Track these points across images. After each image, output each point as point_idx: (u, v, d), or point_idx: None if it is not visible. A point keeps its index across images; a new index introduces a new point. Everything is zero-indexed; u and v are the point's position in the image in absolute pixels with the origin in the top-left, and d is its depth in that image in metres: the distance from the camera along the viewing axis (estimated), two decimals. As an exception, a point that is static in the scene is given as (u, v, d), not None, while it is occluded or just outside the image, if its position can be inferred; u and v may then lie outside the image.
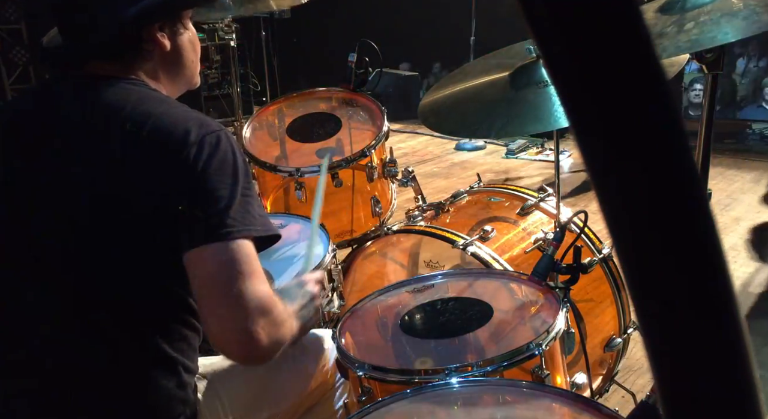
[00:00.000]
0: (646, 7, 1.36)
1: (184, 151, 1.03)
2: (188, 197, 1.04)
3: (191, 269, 1.03)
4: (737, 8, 1.14)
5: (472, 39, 5.85)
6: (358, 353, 1.35)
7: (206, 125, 1.08)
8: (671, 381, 0.27)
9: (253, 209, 1.07)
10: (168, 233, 1.04)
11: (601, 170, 0.26)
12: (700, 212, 0.25)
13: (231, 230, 1.02)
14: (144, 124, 1.05)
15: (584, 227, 1.69)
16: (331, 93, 2.40)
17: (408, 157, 5.37)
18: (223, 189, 1.04)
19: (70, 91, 1.14)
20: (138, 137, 1.04)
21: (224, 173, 1.05)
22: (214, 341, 1.06)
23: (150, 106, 1.08)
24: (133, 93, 1.10)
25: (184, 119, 1.08)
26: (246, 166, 1.10)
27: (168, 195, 1.04)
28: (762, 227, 3.59)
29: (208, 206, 1.03)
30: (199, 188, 1.04)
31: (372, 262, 2.11)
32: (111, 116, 1.07)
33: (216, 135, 1.07)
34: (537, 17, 0.25)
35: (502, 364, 1.21)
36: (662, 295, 0.26)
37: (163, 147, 1.04)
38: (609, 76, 0.24)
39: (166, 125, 1.05)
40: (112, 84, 1.11)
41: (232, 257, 1.02)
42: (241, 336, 1.02)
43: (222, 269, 1.02)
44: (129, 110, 1.07)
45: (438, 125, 1.65)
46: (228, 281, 1.02)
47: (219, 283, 1.02)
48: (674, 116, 0.25)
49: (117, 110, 1.07)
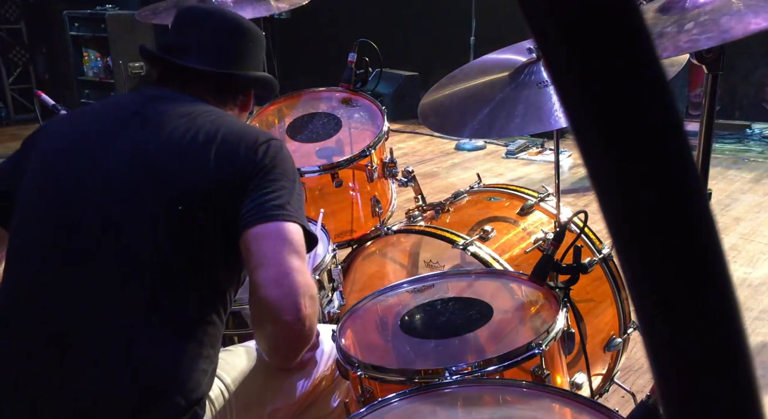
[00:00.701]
0: (646, 7, 1.36)
1: (256, 148, 1.24)
2: (257, 183, 1.21)
3: (253, 243, 1.16)
4: (737, 8, 1.14)
5: (472, 39, 5.85)
6: (358, 353, 1.35)
7: (269, 134, 1.31)
8: (671, 381, 0.27)
9: (303, 209, 1.26)
10: (235, 216, 1.19)
11: (601, 170, 0.26)
12: (701, 212, 0.25)
13: (292, 214, 1.19)
14: (218, 129, 1.25)
15: (584, 227, 1.69)
16: (331, 93, 2.40)
17: (408, 157, 5.37)
18: (286, 183, 1.24)
19: (171, 101, 1.33)
20: (214, 139, 1.23)
21: (287, 171, 1.26)
22: (266, 307, 1.15)
23: (223, 118, 1.30)
24: (218, 111, 1.34)
25: (250, 128, 1.35)
26: (298, 174, 1.32)
27: (238, 183, 1.21)
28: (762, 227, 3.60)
29: (274, 191, 1.20)
30: (267, 177, 1.22)
31: (372, 262, 2.11)
32: (204, 124, 1.26)
33: (279, 142, 1.30)
34: (537, 17, 0.25)
35: (502, 364, 1.21)
36: (662, 295, 0.26)
37: (237, 146, 1.24)
38: (609, 76, 0.24)
39: (237, 130, 1.28)
40: (199, 101, 1.34)
41: (293, 237, 1.18)
42: (294, 306, 1.14)
43: (283, 245, 1.16)
44: (204, 117, 1.27)
45: (438, 125, 1.65)
46: (288, 257, 1.16)
47: (280, 257, 1.15)
48: (674, 116, 0.25)
49: (195, 117, 1.27)
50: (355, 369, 1.26)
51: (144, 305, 1.15)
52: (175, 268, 1.18)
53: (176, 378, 1.13)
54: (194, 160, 1.22)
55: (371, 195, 2.14)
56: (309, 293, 1.16)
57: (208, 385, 1.20)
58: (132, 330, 1.14)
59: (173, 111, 1.28)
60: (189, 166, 1.22)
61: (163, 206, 1.19)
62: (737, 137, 5.30)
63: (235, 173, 1.22)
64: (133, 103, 1.34)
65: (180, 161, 1.22)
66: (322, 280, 1.68)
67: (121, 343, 1.14)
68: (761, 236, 3.51)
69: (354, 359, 1.28)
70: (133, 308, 1.15)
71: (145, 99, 1.33)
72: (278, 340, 1.23)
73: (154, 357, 1.14)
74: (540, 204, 1.97)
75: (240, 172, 1.22)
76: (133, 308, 1.15)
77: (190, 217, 1.18)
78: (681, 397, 0.27)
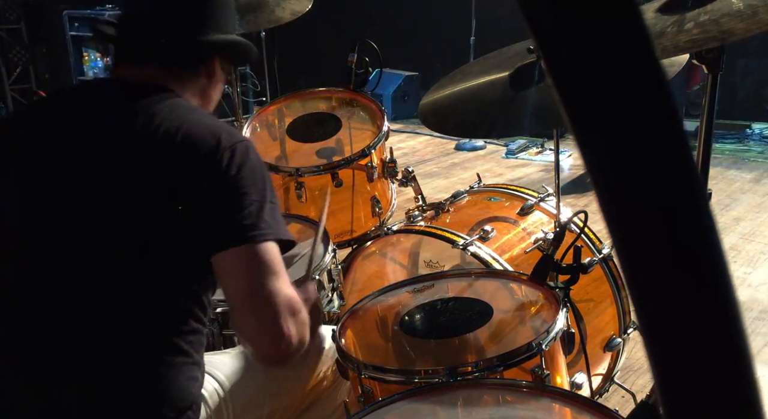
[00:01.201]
0: (646, 7, 1.36)
1: (217, 155, 1.10)
2: (221, 198, 1.10)
3: (224, 268, 1.09)
4: (737, 8, 1.14)
5: (472, 39, 5.85)
6: (358, 353, 1.35)
7: (235, 134, 1.17)
8: (671, 382, 0.27)
9: (278, 215, 1.14)
10: (195, 233, 1.09)
11: (601, 169, 0.26)
12: (700, 212, 0.25)
13: (264, 232, 1.08)
14: (178, 129, 1.11)
15: (584, 227, 1.69)
16: (331, 93, 2.40)
17: (408, 157, 5.36)
18: (255, 194, 1.10)
19: (111, 95, 1.21)
20: (172, 141, 1.10)
21: (255, 179, 1.12)
22: (247, 339, 1.12)
23: (183, 113, 1.16)
24: (168, 100, 1.18)
25: (215, 127, 1.15)
26: (269, 176, 1.17)
27: (200, 196, 1.10)
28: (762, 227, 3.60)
29: (241, 208, 1.09)
30: (232, 190, 1.10)
31: (372, 262, 2.11)
32: (147, 121, 1.13)
33: (245, 144, 1.15)
34: (537, 17, 0.25)
35: (502, 364, 1.21)
36: (662, 295, 0.26)
37: (197, 151, 1.11)
38: (608, 76, 0.24)
39: (197, 131, 1.13)
40: (151, 92, 1.18)
41: (266, 258, 1.08)
42: (274, 334, 1.07)
43: (256, 269, 1.08)
44: (164, 116, 1.13)
45: (438, 125, 1.65)
46: (262, 282, 1.07)
47: (253, 283, 1.08)
48: (674, 116, 0.25)
49: (153, 116, 1.13)
50: (355, 369, 1.26)
51: (121, 321, 1.12)
52: (147, 283, 1.12)
53: (162, 392, 1.11)
54: (145, 173, 1.10)
55: (371, 195, 2.14)
56: (289, 313, 1.09)
57: (199, 388, 1.19)
58: (111, 347, 1.11)
59: (124, 124, 1.15)
60: (141, 180, 1.11)
61: (127, 226, 1.11)
62: (737, 137, 5.29)
63: (195, 183, 1.10)
64: (79, 120, 1.19)
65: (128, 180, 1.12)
66: (322, 280, 1.68)
67: (101, 360, 1.11)
68: (761, 236, 3.50)
69: (354, 359, 1.28)
70: (110, 325, 1.12)
71: (93, 113, 1.19)
72: (274, 362, 1.19)
73: (137, 374, 1.12)
74: (540, 204, 1.97)
75: (201, 182, 1.10)
76: (110, 324, 1.12)
77: (155, 233, 1.11)
78: (681, 397, 0.27)
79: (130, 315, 1.12)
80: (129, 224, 1.11)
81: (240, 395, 1.31)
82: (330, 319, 1.70)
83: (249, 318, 1.09)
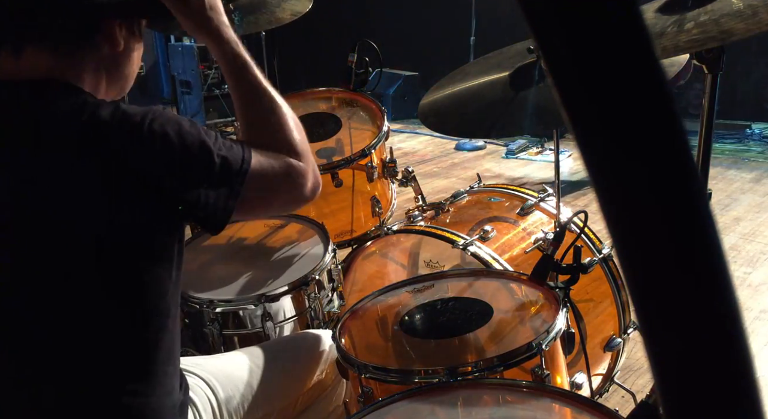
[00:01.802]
0: (646, 7, 1.36)
1: (139, 134, 0.96)
2: (173, 180, 0.99)
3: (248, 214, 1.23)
4: (737, 8, 1.14)
5: (472, 39, 5.85)
6: (358, 353, 1.35)
7: (141, 108, 1.00)
8: (671, 382, 0.27)
9: (226, 145, 1.05)
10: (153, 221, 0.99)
11: (600, 169, 0.26)
12: (700, 212, 0.25)
13: (237, 189, 1.04)
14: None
15: (584, 227, 1.69)
16: (331, 93, 2.40)
17: (408, 157, 5.37)
18: (203, 155, 1.00)
19: (4, 98, 0.99)
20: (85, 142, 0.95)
21: (191, 142, 0.99)
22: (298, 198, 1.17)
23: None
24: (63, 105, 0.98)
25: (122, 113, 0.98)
26: (195, 123, 1.05)
27: (145, 182, 0.97)
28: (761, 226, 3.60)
29: (202, 194, 1.00)
30: (183, 169, 0.99)
31: (372, 262, 2.11)
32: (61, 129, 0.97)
33: (157, 109, 1.00)
34: (537, 16, 0.25)
35: (502, 364, 1.21)
36: (662, 295, 0.26)
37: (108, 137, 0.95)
38: (608, 76, 0.24)
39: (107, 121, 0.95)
40: (41, 95, 0.98)
41: (260, 165, 1.09)
42: (306, 183, 1.16)
43: (266, 187, 1.12)
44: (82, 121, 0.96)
45: (438, 125, 1.65)
46: (272, 192, 1.15)
47: (268, 195, 1.15)
48: (674, 116, 0.25)
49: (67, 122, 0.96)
50: (355, 369, 1.26)
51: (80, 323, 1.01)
52: (104, 279, 0.99)
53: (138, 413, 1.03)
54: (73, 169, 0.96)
55: (371, 195, 2.14)
56: (301, 155, 1.16)
57: (183, 393, 1.13)
58: (75, 349, 1.01)
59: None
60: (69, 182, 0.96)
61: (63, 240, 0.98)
62: (737, 137, 5.29)
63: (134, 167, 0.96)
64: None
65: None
66: (321, 280, 1.68)
67: (73, 361, 1.01)
68: (761, 236, 3.51)
69: (354, 359, 1.28)
70: (71, 326, 1.01)
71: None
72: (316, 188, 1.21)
73: (107, 380, 1.03)
74: (540, 204, 1.97)
75: (140, 165, 0.96)
76: (71, 326, 1.01)
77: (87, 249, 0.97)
78: (681, 397, 0.27)
79: (87, 316, 1.01)
80: (73, 216, 0.97)
81: (233, 398, 1.30)
82: (330, 319, 1.70)
83: (283, 197, 1.17)
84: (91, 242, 0.98)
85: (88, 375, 1.02)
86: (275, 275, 1.69)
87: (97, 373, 1.02)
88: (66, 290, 0.99)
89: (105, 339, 1.02)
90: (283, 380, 1.39)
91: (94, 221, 0.97)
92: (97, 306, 1.01)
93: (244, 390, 1.32)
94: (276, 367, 1.39)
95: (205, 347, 1.62)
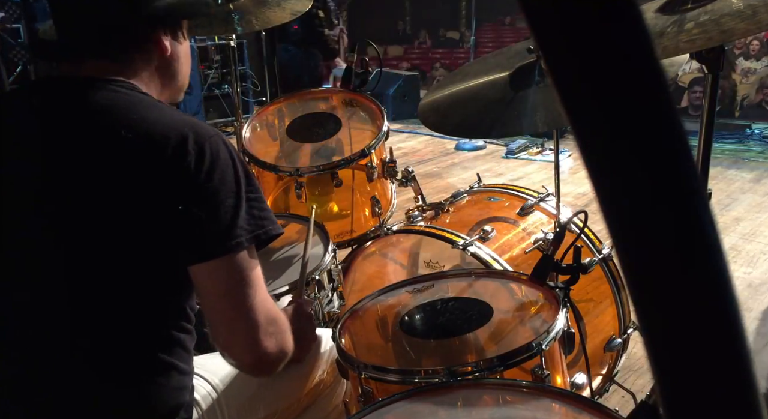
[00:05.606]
0: (646, 7, 1.36)
1: (186, 159, 1.00)
2: (193, 207, 1.01)
3: (201, 281, 1.05)
4: (737, 8, 1.14)
5: (472, 39, 5.85)
6: (358, 353, 1.35)
7: (203, 130, 1.05)
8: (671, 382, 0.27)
9: (257, 211, 1.07)
10: (168, 243, 1.04)
11: (600, 169, 0.26)
12: (701, 212, 0.25)
13: (240, 240, 1.03)
14: (139, 130, 1.02)
15: (584, 227, 1.69)
16: (331, 93, 2.40)
17: (408, 157, 5.37)
18: (228, 199, 1.03)
19: (60, 95, 1.09)
20: (133, 144, 1.01)
21: (228, 180, 1.03)
22: (225, 351, 1.09)
23: (143, 111, 1.05)
24: (124, 97, 1.07)
25: (180, 124, 1.04)
26: (246, 167, 1.09)
27: (168, 205, 1.01)
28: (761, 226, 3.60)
29: (214, 218, 1.02)
30: (204, 198, 1.02)
31: (372, 262, 2.11)
32: (103, 121, 1.04)
33: (214, 141, 1.04)
34: (537, 16, 0.25)
35: (502, 364, 1.21)
36: (662, 295, 0.26)
37: (161, 154, 1.00)
38: (609, 75, 0.24)
39: (160, 131, 1.02)
40: (103, 87, 1.07)
41: (240, 268, 1.04)
42: (253, 347, 1.06)
43: (231, 282, 1.04)
44: (122, 115, 1.04)
45: (438, 125, 1.65)
46: (236, 295, 1.04)
47: (231, 296, 1.05)
48: (674, 116, 0.25)
49: (109, 116, 1.04)
50: (355, 369, 1.26)
51: (99, 333, 1.07)
52: (121, 294, 1.06)
53: (147, 403, 1.09)
54: (105, 172, 1.02)
55: (371, 195, 2.14)
56: (269, 324, 1.07)
57: (188, 395, 1.16)
58: (91, 358, 1.07)
59: (70, 127, 1.05)
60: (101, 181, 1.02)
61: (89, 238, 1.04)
62: (737, 137, 5.30)
63: (161, 191, 1.01)
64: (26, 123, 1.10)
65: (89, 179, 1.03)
66: (321, 280, 1.68)
67: (82, 370, 1.07)
68: (761, 236, 3.51)
69: (354, 359, 1.28)
70: (88, 336, 1.07)
71: (32, 117, 1.09)
72: (254, 373, 1.17)
73: (120, 385, 1.08)
74: (540, 204, 1.97)
75: (168, 189, 1.01)
76: (87, 336, 1.07)
77: (124, 243, 1.04)
78: (681, 398, 0.27)
79: (103, 329, 1.07)
80: (97, 236, 1.03)
81: (235, 398, 1.30)
82: (330, 319, 1.70)
83: (227, 331, 1.06)
84: (140, 241, 1.04)
85: (121, 354, 1.08)
86: (275, 275, 1.69)
87: (129, 356, 1.08)
88: (112, 283, 1.05)
89: (141, 328, 1.09)
90: (284, 380, 1.39)
91: (147, 219, 1.03)
92: (141, 294, 1.07)
93: (244, 391, 1.32)
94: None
95: (206, 347, 1.61)
